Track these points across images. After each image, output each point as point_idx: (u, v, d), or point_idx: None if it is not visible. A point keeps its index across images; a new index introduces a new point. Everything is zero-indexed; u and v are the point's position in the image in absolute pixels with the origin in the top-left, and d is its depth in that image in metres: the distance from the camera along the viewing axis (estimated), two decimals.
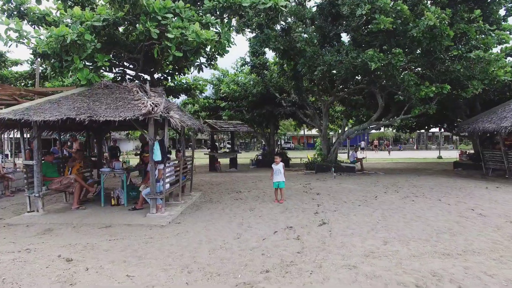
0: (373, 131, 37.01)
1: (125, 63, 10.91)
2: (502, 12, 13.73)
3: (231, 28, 11.64)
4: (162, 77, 13.67)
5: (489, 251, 4.64)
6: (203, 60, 10.25)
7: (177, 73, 13.69)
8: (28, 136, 7.95)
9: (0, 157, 10.51)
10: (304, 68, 12.32)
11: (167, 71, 13.45)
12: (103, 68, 9.97)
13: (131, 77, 11.35)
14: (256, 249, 4.92)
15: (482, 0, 11.98)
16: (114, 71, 11.59)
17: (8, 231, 5.92)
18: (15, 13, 9.01)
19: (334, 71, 12.23)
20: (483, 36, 11.32)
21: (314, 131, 45.27)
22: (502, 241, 5.05)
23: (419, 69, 12.01)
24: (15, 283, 3.78)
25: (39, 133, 6.86)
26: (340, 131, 28.06)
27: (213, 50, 8.80)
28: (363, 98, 16.27)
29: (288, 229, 5.92)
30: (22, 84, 17.38)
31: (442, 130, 26.03)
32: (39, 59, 8.93)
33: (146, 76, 11.66)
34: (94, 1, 9.96)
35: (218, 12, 10.02)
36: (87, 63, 8.21)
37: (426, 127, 21.71)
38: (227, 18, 9.90)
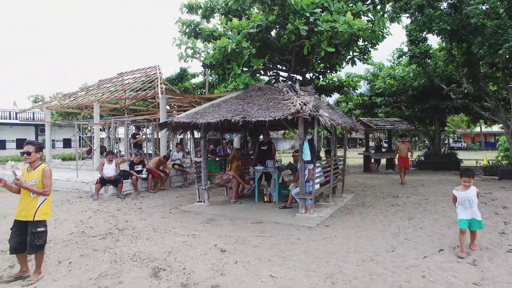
0: None
1: (278, 66, 11.42)
2: None
3: (385, 16, 10.57)
4: (313, 76, 13.71)
5: None
6: (355, 53, 9.66)
7: (328, 71, 13.47)
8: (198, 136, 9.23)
9: (181, 154, 12.57)
10: (482, 48, 9.90)
11: (319, 69, 13.40)
12: (258, 72, 10.69)
13: (284, 79, 11.79)
14: (414, 268, 4.15)
15: None
16: (268, 74, 12.33)
17: (183, 216, 7.04)
18: (192, 34, 10.72)
19: None
20: None
21: (495, 128, 36.95)
22: None
23: None
24: (182, 263, 4.38)
25: (205, 134, 7.83)
26: None
27: (366, 41, 8.14)
28: None
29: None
30: (198, 92, 20.72)
31: None
32: (208, 70, 10.24)
33: (298, 77, 11.89)
34: (250, 11, 10.79)
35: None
36: (244, 69, 8.96)
37: None
38: (380, 3, 9.02)
